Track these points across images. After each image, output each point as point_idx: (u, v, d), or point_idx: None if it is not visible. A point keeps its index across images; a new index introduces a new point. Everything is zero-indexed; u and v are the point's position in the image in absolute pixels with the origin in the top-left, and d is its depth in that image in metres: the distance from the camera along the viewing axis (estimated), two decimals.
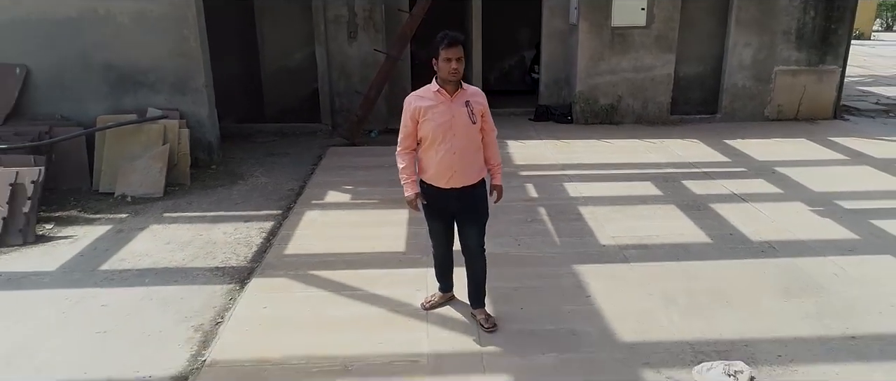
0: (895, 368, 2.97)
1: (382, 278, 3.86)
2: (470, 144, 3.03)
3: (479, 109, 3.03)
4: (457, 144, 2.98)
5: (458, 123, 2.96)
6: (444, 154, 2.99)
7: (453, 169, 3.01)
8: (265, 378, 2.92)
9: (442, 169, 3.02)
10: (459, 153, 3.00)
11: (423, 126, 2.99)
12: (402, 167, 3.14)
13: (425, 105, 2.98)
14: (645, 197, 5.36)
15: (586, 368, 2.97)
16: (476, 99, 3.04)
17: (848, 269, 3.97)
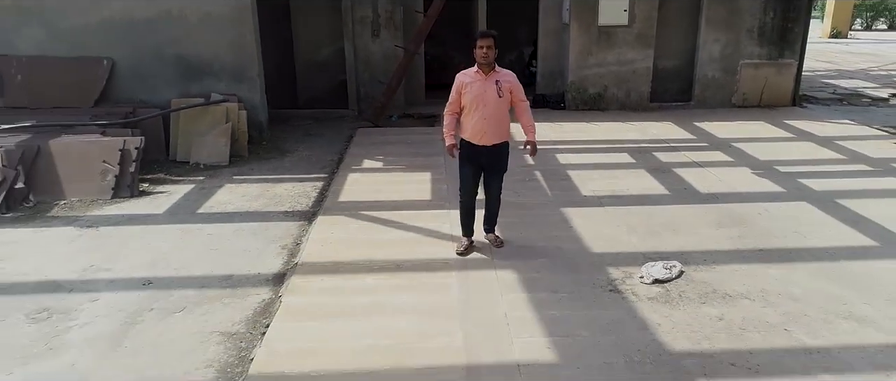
0: (789, 266, 4.18)
1: (414, 216, 5.07)
2: (497, 112, 4.10)
3: (506, 87, 4.13)
4: (487, 112, 4.08)
5: (488, 97, 4.07)
6: (478, 120, 4.11)
7: (484, 131, 4.11)
8: (341, 272, 4.13)
9: (476, 131, 4.14)
10: (489, 120, 4.09)
11: (464, 97, 4.12)
12: (446, 124, 4.25)
13: (467, 81, 4.13)
14: (621, 164, 6.59)
15: (569, 267, 4.18)
16: (505, 79, 4.15)
17: (770, 210, 5.20)
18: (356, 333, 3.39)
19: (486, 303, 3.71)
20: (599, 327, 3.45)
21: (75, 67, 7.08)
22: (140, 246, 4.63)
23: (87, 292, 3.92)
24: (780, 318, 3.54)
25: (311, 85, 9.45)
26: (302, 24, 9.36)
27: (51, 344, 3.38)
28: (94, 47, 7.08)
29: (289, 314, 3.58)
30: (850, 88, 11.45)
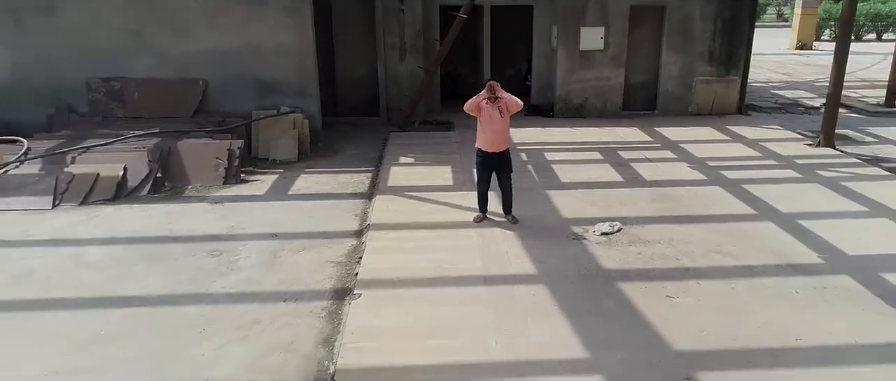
0: (692, 226, 6.31)
1: (442, 195, 7.21)
2: (501, 128, 6.11)
3: (504, 106, 6.21)
4: (494, 128, 6.09)
5: (495, 118, 6.09)
6: (488, 133, 6.14)
7: (493, 142, 6.14)
8: (398, 229, 6.26)
9: (487, 142, 6.18)
10: (496, 134, 6.12)
11: (480, 114, 6.21)
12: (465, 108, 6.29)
13: (483, 103, 6.19)
14: (592, 160, 8.73)
15: (548, 226, 6.31)
16: (502, 101, 6.25)
17: (694, 191, 7.36)
18: (415, 260, 5.53)
19: (494, 245, 5.85)
20: (563, 258, 5.60)
21: (178, 86, 9.24)
22: (258, 214, 6.79)
23: (237, 241, 6.08)
24: (675, 253, 5.69)
25: (349, 97, 11.61)
26: (343, 48, 11.51)
27: (231, 267, 5.53)
28: (192, 70, 9.23)
29: (372, 251, 5.73)
30: (793, 98, 13.60)
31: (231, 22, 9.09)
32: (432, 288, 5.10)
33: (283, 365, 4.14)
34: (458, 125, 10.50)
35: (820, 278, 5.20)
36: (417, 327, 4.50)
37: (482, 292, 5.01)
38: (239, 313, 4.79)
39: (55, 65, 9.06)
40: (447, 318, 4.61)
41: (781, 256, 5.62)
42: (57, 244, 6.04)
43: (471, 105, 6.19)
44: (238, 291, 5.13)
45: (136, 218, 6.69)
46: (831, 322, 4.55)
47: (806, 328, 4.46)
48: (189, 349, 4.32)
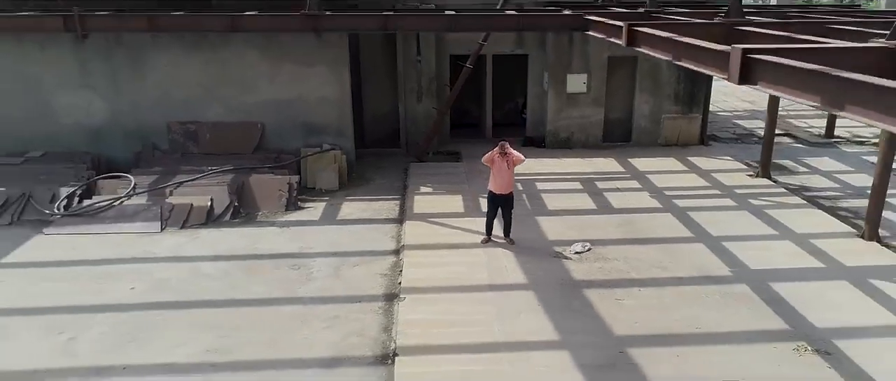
0: (644, 246, 8.45)
1: (456, 221, 9.34)
2: (508, 176, 8.24)
3: (511, 160, 8.37)
4: (502, 176, 8.26)
5: (503, 169, 8.24)
6: (498, 180, 8.27)
7: (501, 186, 8.29)
8: (426, 249, 8.40)
9: (496, 186, 8.33)
10: (502, 180, 8.28)
11: (493, 165, 8.35)
12: (484, 160, 8.46)
13: (496, 158, 8.33)
14: (573, 190, 10.87)
15: (535, 246, 8.45)
16: (509, 157, 8.39)
17: (650, 217, 9.50)
18: (440, 272, 7.67)
19: (496, 261, 8.00)
20: (547, 271, 7.74)
21: (241, 128, 11.39)
22: (319, 236, 8.94)
23: (308, 258, 8.22)
24: (627, 268, 7.83)
25: (374, 131, 13.73)
26: (370, 90, 13.64)
27: (309, 278, 7.68)
28: (253, 116, 11.37)
29: (409, 266, 7.87)
30: (750, 128, 15.75)
31: (285, 78, 11.24)
32: (453, 293, 7.25)
33: (359, 345, 6.28)
34: (465, 156, 12.67)
35: (725, 286, 7.36)
36: (444, 319, 6.65)
37: (488, 295, 7.16)
38: (322, 311, 6.93)
39: (142, 111, 11.21)
40: (464, 313, 6.76)
41: (702, 269, 7.77)
42: (177, 260, 8.19)
43: (486, 158, 8.36)
44: (318, 295, 7.28)
45: (227, 239, 8.83)
46: (724, 317, 6.70)
47: (706, 321, 6.61)
48: (293, 335, 6.46)
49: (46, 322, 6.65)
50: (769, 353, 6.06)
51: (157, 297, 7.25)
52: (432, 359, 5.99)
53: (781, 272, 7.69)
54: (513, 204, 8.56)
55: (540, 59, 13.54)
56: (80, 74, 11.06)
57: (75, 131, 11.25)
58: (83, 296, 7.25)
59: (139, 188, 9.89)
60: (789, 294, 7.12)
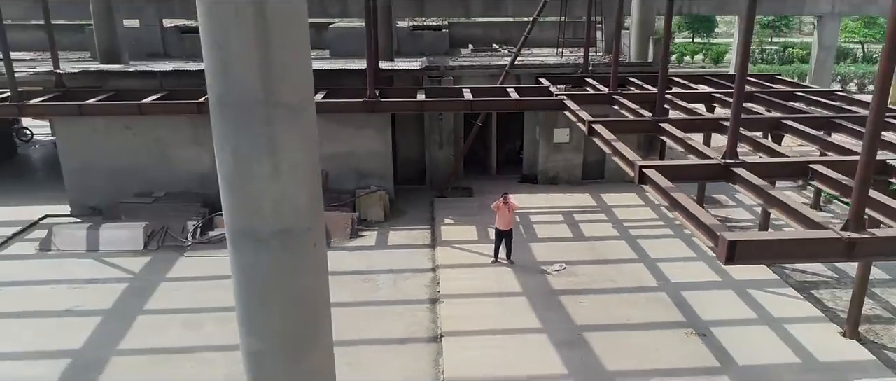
0: (604, 266, 12.26)
1: (471, 246, 13.13)
2: (509, 218, 12.01)
3: (511, 206, 12.15)
4: (505, 217, 12.04)
5: (505, 213, 12.01)
6: (502, 219, 12.00)
7: (503, 224, 12.05)
8: (454, 268, 12.20)
9: (500, 224, 12.06)
10: (505, 220, 12.01)
11: (499, 210, 12.12)
12: (493, 206, 12.30)
13: (501, 205, 12.12)
14: (556, 221, 14.67)
15: (527, 265, 12.26)
16: (510, 204, 12.17)
17: (609, 243, 13.30)
18: (464, 284, 11.47)
19: (501, 276, 11.81)
20: (535, 283, 11.54)
21: None
22: (377, 258, 12.73)
23: (374, 274, 12.02)
24: (589, 281, 11.63)
25: (405, 171, 17.53)
26: (402, 140, 17.43)
27: (377, 288, 11.49)
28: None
29: (443, 280, 11.67)
30: None
31: (344, 137, 15.05)
32: (473, 298, 11.05)
33: (418, 330, 10.08)
34: (475, 191, 16.49)
35: (651, 294, 11.16)
36: (470, 315, 10.45)
37: (497, 299, 10.97)
38: (390, 309, 10.73)
39: None
40: (482, 311, 10.56)
41: (638, 282, 11.58)
42: None
43: (494, 206, 12.18)
44: (386, 299, 11.08)
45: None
46: (646, 313, 10.50)
47: (635, 316, 10.42)
48: (375, 324, 10.26)
49: (221, 317, 10.45)
50: (669, 335, 9.86)
51: None
52: (464, 339, 9.79)
53: (690, 284, 11.50)
54: (512, 236, 12.38)
55: (533, 116, 17.36)
56: (192, 135, 14.86)
57: (187, 177, 15.05)
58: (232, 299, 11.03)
59: None
60: (691, 299, 10.93)
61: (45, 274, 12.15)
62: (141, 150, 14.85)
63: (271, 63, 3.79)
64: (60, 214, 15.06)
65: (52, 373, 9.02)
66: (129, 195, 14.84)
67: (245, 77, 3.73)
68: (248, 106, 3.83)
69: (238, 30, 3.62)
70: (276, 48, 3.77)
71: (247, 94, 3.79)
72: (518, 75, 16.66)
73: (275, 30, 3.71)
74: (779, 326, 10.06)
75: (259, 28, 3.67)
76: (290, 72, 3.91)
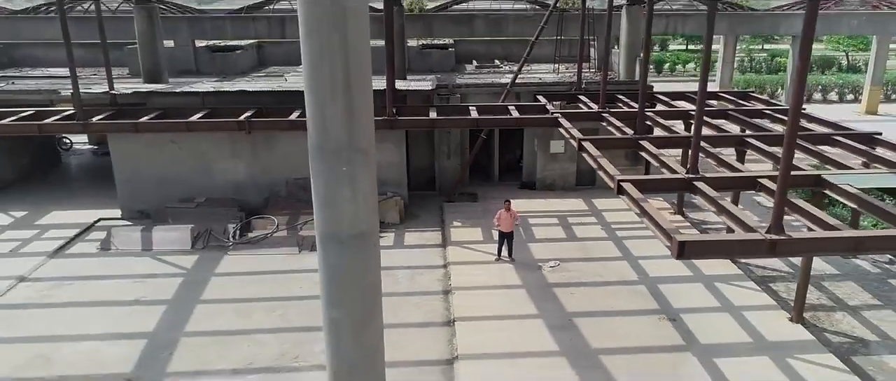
0: (592, 263, 14.09)
1: (477, 245, 14.97)
2: (510, 222, 13.82)
3: (512, 212, 13.99)
4: (507, 222, 13.88)
5: (508, 218, 13.83)
6: (504, 223, 13.84)
7: (506, 227, 13.88)
8: (463, 264, 14.04)
9: (503, 227, 13.89)
10: (507, 224, 13.84)
11: (501, 217, 13.99)
12: (495, 218, 14.16)
13: (503, 213, 13.95)
14: (552, 223, 16.51)
15: (527, 263, 14.09)
16: (513, 212, 13.99)
17: (598, 243, 15.13)
18: (472, 278, 13.29)
19: (504, 271, 13.64)
20: (533, 277, 13.38)
21: None
22: (395, 256, 14.56)
23: (393, 270, 13.83)
24: (579, 276, 13.46)
25: (417, 179, 19.35)
26: (414, 151, 19.25)
27: (396, 282, 13.32)
28: None
29: (454, 275, 13.50)
30: None
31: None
32: (480, 290, 12.88)
33: (435, 316, 11.91)
34: (480, 197, 18.32)
35: (632, 286, 12.99)
36: (478, 304, 12.28)
37: (500, 291, 12.80)
38: (410, 299, 12.56)
39: (270, 172, 16.85)
40: (488, 302, 12.40)
41: (622, 276, 13.42)
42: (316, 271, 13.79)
43: (498, 214, 14.00)
44: (405, 291, 12.91)
45: None
46: (626, 303, 12.33)
47: (616, 304, 12.25)
48: (398, 312, 12.07)
49: (267, 306, 12.28)
50: (645, 321, 11.69)
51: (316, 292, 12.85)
52: (473, 324, 11.62)
53: (665, 278, 13.32)
54: (513, 237, 14.22)
55: (532, 130, 19.20)
56: (231, 148, 16.69)
57: (225, 185, 16.89)
58: (275, 292, 12.89)
59: (280, 226, 15.56)
60: (665, 290, 12.76)
61: (109, 270, 13.98)
62: (185, 161, 16.69)
63: (353, 122, 5.61)
64: (112, 217, 16.90)
65: (133, 351, 10.85)
66: (173, 201, 16.67)
67: (338, 133, 5.56)
68: (338, 151, 5.65)
69: (333, 103, 5.45)
70: (356, 112, 5.59)
71: (338, 143, 5.61)
72: (518, 93, 18.50)
73: (356, 100, 5.53)
74: (737, 313, 11.89)
75: (346, 100, 5.49)
76: (363, 126, 5.73)
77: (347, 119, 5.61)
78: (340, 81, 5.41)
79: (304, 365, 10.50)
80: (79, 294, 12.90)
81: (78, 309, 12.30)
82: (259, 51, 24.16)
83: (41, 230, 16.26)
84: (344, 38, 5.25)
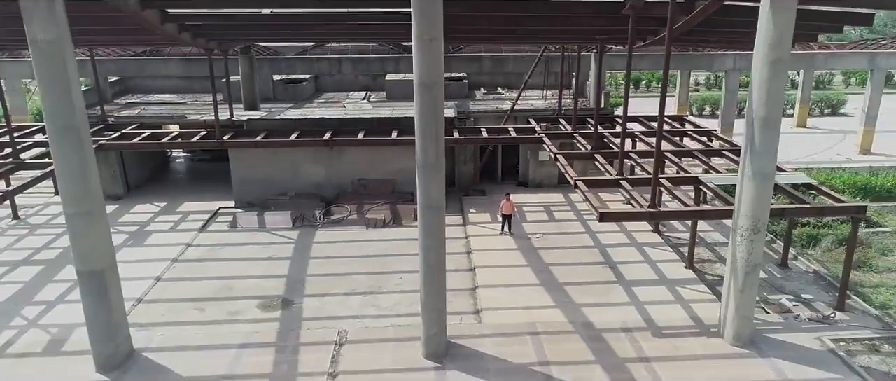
0: (567, 236, 20.63)
1: (487, 226, 21.47)
2: (510, 207, 20.27)
3: (511, 203, 20.46)
4: (508, 208, 20.37)
5: (508, 205, 20.32)
6: (505, 209, 20.39)
7: (508, 211, 20.38)
8: (477, 237, 20.55)
9: (505, 211, 20.37)
10: (509, 208, 20.37)
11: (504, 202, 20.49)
12: (501, 204, 20.69)
13: (504, 201, 20.44)
14: (539, 210, 23.03)
15: (522, 236, 20.60)
16: (511, 202, 20.48)
17: (571, 223, 21.66)
18: (485, 244, 19.81)
19: (506, 242, 20.15)
20: (525, 245, 19.86)
21: (385, 183, 23.53)
22: None
23: None
24: (554, 244, 19.96)
25: None
26: None
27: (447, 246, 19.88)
28: (390, 176, 23.53)
29: (473, 242, 20.02)
30: None
31: (406, 158, 23.36)
32: (490, 251, 19.39)
33: (462, 266, 18.42)
34: (488, 192, 24.86)
35: (588, 249, 19.49)
36: (489, 259, 18.77)
37: (504, 252, 19.33)
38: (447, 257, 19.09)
39: (341, 174, 23.39)
40: (495, 258, 18.90)
41: (583, 243, 19.93)
42: (379, 241, 20.32)
43: (501, 203, 20.55)
44: None
45: (397, 232, 20.96)
46: (583, 258, 18.84)
47: (577, 259, 18.77)
48: None
49: (353, 260, 18.76)
50: (595, 268, 18.19)
51: (387, 251, 19.41)
52: (486, 270, 18.11)
53: (612, 244, 19.81)
54: (512, 219, 20.73)
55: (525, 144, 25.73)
56: (313, 157, 23.23)
57: (308, 183, 23.43)
58: (355, 252, 19.40)
59: (350, 212, 22.11)
60: (611, 252, 19.25)
61: (242, 240, 20.53)
62: (281, 166, 23.24)
63: (437, 150, 12.14)
64: (228, 206, 23.46)
65: (279, 284, 17.37)
66: (272, 195, 23.24)
67: (436, 153, 12.07)
68: (430, 167, 12.17)
69: (431, 142, 11.96)
70: (438, 145, 12.10)
71: (429, 161, 12.13)
72: (515, 117, 25.01)
73: (438, 141, 12.04)
74: (654, 264, 18.41)
75: (436, 141, 12.00)
76: (440, 152, 12.24)
77: (435, 149, 12.12)
78: (433, 132, 11.91)
79: (385, 290, 17.00)
80: (230, 254, 19.45)
81: (234, 262, 18.84)
82: (317, 81, 30.68)
83: (183, 215, 22.82)
84: (436, 109, 11.75)
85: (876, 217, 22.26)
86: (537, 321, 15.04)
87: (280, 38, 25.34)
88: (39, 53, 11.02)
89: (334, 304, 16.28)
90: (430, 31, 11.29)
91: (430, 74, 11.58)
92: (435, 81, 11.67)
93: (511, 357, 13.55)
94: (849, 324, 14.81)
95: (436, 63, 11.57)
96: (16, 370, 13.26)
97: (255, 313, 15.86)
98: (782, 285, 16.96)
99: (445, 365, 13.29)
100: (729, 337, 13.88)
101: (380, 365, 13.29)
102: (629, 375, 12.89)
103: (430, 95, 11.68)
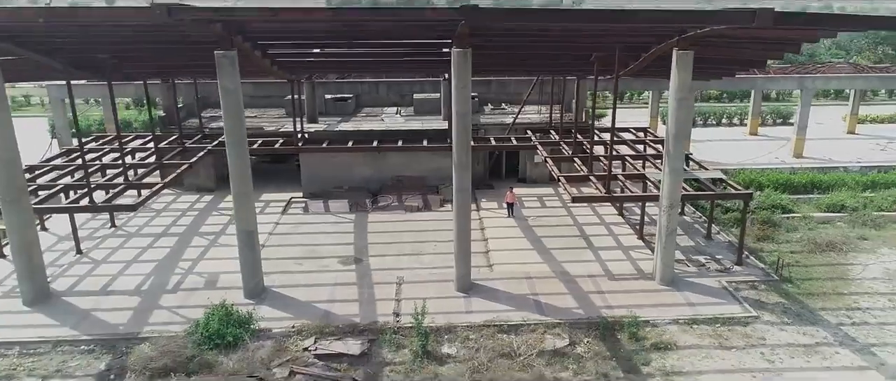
0: (557, 218, 27.22)
1: (495, 211, 28.08)
2: (513, 198, 26.92)
3: (513, 195, 27.01)
4: (511, 197, 26.98)
5: (511, 196, 26.87)
6: (509, 198, 26.98)
7: (510, 200, 27.00)
8: (488, 218, 27.14)
9: (509, 200, 27.00)
10: (512, 198, 26.96)
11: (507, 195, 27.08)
12: (506, 196, 27.28)
13: (508, 192, 27.03)
14: (535, 202, 29.61)
15: (521, 217, 27.19)
16: (514, 194, 27.04)
17: (561, 208, 28.25)
18: (496, 223, 26.40)
19: (509, 221, 26.76)
20: (524, 223, 26.47)
21: (418, 179, 30.14)
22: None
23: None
24: (546, 222, 26.58)
25: None
26: None
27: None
28: (422, 173, 30.13)
29: (485, 221, 26.62)
30: None
31: (437, 159, 29.96)
32: (498, 228, 25.99)
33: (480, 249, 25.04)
34: (496, 186, 31.48)
35: (571, 227, 26.07)
36: (498, 234, 25.38)
37: (509, 229, 25.94)
38: None
39: (384, 172, 30.03)
40: (502, 232, 25.50)
41: (566, 223, 26.50)
42: (419, 220, 26.94)
43: (506, 194, 27.19)
44: None
45: (430, 216, 27.57)
46: (566, 233, 25.46)
47: (561, 233, 25.39)
48: None
49: (400, 234, 25.35)
50: (572, 239, 24.76)
51: (422, 228, 26.02)
52: (496, 240, 24.70)
53: (587, 223, 26.35)
54: (514, 206, 27.33)
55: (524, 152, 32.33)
56: (363, 159, 29.87)
57: (359, 179, 30.06)
58: (400, 229, 26.00)
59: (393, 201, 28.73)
60: (587, 229, 25.80)
61: (314, 220, 27.17)
62: (338, 165, 29.89)
63: (467, 153, 18.76)
64: (297, 196, 30.11)
65: (350, 250, 24.00)
66: (331, 188, 29.92)
67: (462, 158, 18.66)
68: (462, 165, 18.75)
69: (463, 150, 18.56)
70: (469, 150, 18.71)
71: (461, 161, 18.71)
72: (516, 128, 31.64)
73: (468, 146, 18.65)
74: (615, 236, 24.99)
75: (468, 149, 18.61)
76: (468, 155, 18.83)
77: (466, 154, 18.82)
78: (464, 143, 18.59)
79: (424, 253, 23.60)
80: (308, 229, 26.10)
81: (313, 235, 25.49)
82: (357, 99, 37.33)
83: (265, 203, 29.48)
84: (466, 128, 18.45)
85: (791, 206, 28.82)
86: (531, 271, 21.66)
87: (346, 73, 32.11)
88: (226, 95, 17.73)
89: (391, 260, 22.91)
90: (462, 80, 17.92)
91: (463, 106, 18.22)
92: (466, 111, 18.29)
93: (513, 291, 20.15)
94: (741, 273, 21.39)
95: (466, 100, 18.21)
96: (189, 299, 19.90)
97: (337, 267, 22.50)
98: (704, 250, 23.55)
99: (470, 295, 19.89)
100: (658, 279, 20.47)
101: (428, 294, 19.88)
102: (590, 302, 19.46)
103: (463, 120, 18.31)
